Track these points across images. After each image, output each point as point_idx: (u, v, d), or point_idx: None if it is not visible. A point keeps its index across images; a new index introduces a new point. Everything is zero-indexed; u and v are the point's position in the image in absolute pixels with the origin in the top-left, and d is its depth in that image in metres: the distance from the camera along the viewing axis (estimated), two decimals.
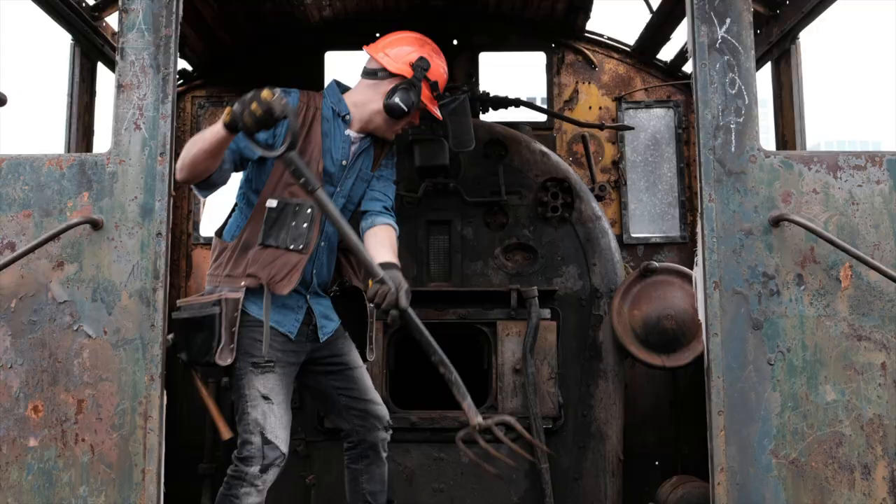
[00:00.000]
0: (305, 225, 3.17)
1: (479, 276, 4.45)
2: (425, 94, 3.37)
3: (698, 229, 3.07)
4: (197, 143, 3.06)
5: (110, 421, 2.91)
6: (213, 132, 3.01)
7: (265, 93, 2.88)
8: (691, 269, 3.85)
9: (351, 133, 3.41)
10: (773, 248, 2.99)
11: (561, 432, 4.21)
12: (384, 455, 3.49)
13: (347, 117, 3.39)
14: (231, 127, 2.94)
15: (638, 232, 5.72)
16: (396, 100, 3.32)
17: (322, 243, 3.33)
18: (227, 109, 2.94)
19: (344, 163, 3.37)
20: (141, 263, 2.96)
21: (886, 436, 2.93)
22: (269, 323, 3.15)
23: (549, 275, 4.37)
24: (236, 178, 3.52)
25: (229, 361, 3.11)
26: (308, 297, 3.35)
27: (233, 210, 3.47)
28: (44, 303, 2.96)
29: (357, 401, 3.45)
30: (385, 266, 3.14)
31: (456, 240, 4.47)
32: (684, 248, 5.58)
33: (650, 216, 5.77)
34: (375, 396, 3.50)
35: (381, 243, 3.32)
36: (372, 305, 3.24)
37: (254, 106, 2.85)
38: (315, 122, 3.31)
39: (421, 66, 3.37)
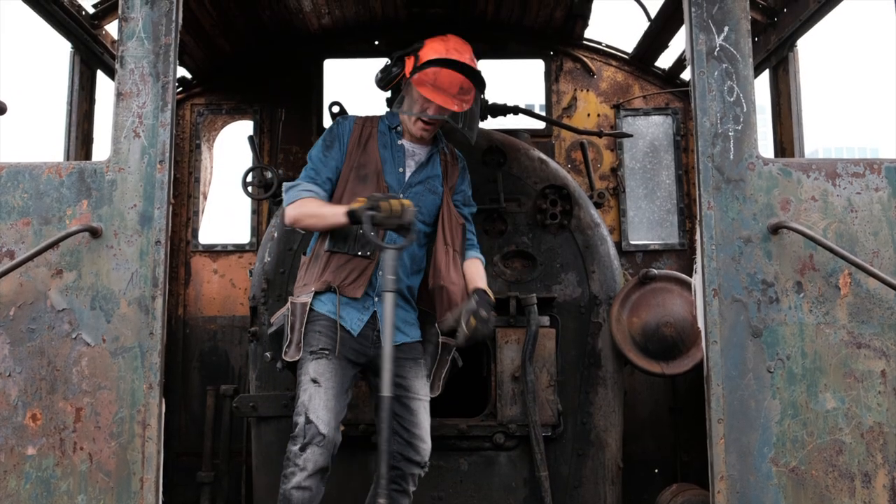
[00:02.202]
0: (373, 234, 3.21)
1: None
2: (408, 67, 3.47)
3: (697, 237, 3.07)
4: (314, 217, 3.40)
5: (109, 429, 2.90)
6: (334, 215, 3.32)
7: (398, 204, 3.20)
8: (690, 276, 3.85)
9: (404, 143, 3.57)
10: (772, 256, 2.99)
11: (560, 440, 4.19)
12: (411, 489, 3.47)
13: (399, 128, 3.57)
14: (354, 220, 3.23)
15: (637, 239, 5.73)
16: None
17: None
18: (359, 202, 3.22)
19: (401, 170, 3.52)
20: (140, 271, 2.96)
21: (887, 444, 2.93)
22: (333, 317, 3.35)
23: (548, 282, 4.36)
24: None
25: (297, 357, 3.32)
26: (377, 299, 3.39)
27: None
28: (42, 311, 2.96)
29: (406, 431, 3.41)
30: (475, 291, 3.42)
31: None
32: (683, 255, 5.59)
33: (649, 223, 5.78)
34: (425, 434, 3.45)
35: (474, 273, 3.55)
36: (446, 339, 3.53)
37: (388, 214, 3.18)
38: (371, 140, 3.53)
39: (414, 48, 3.49)
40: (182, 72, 5.82)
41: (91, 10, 4.78)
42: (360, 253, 3.37)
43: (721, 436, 2.91)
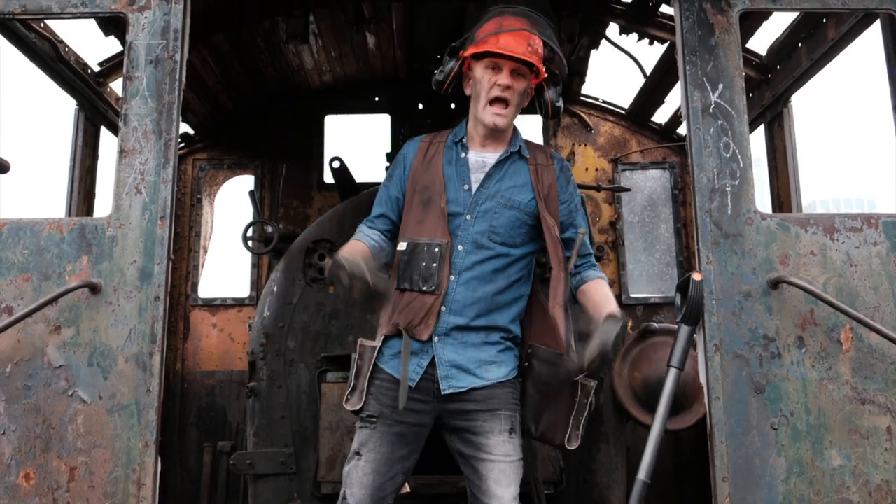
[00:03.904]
0: (435, 264, 2.89)
1: None
2: (468, 52, 3.04)
3: None
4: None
5: (103, 489, 2.85)
6: None
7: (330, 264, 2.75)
8: None
9: (469, 154, 3.07)
10: (772, 311, 2.98)
11: (563, 497, 4.12)
12: None
13: (464, 140, 3.10)
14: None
15: (636, 292, 5.72)
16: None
17: (452, 277, 2.92)
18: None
19: (466, 187, 3.00)
20: (138, 327, 2.94)
21: (895, 503, 2.87)
22: (391, 371, 2.92)
23: None
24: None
25: (356, 407, 2.91)
26: (436, 340, 2.90)
27: None
28: (39, 367, 2.93)
29: (477, 500, 2.87)
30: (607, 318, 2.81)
31: None
32: None
33: (648, 276, 5.79)
34: (496, 502, 2.83)
35: (602, 297, 2.97)
36: (584, 379, 2.92)
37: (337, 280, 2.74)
38: (436, 157, 3.07)
39: (467, 35, 3.10)
40: (185, 127, 5.91)
41: (96, 69, 4.87)
42: (424, 288, 2.89)
43: (726, 495, 2.85)
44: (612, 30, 5.16)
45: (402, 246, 2.99)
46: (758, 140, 4.73)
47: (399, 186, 3.10)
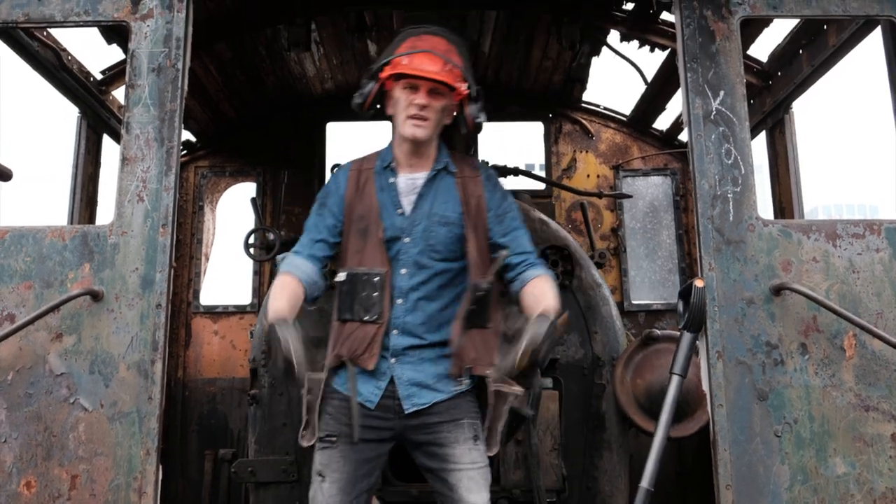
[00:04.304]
0: (376, 293, 2.94)
1: None
2: (385, 74, 3.04)
3: None
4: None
5: (104, 497, 2.84)
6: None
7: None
8: None
9: (398, 178, 3.09)
10: (775, 318, 2.98)
11: None
12: None
13: (393, 164, 3.12)
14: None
15: (639, 299, 5.71)
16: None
17: (399, 300, 2.97)
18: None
19: (400, 211, 3.04)
20: (140, 335, 2.94)
21: None
22: (350, 394, 2.93)
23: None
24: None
25: (311, 442, 2.90)
26: (393, 360, 2.96)
27: None
28: (41, 375, 2.93)
29: None
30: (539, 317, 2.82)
31: None
32: None
33: (650, 283, 5.78)
34: None
35: (534, 298, 2.95)
36: (498, 386, 2.90)
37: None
38: (368, 184, 3.10)
39: (385, 57, 3.09)
40: (187, 135, 5.92)
41: (99, 77, 4.89)
42: (365, 318, 2.95)
43: (730, 503, 2.84)
44: (613, 37, 5.17)
45: (341, 277, 3.04)
46: (759, 146, 4.73)
47: (335, 215, 3.11)
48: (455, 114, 3.14)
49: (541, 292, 2.98)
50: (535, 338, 2.76)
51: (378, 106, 3.16)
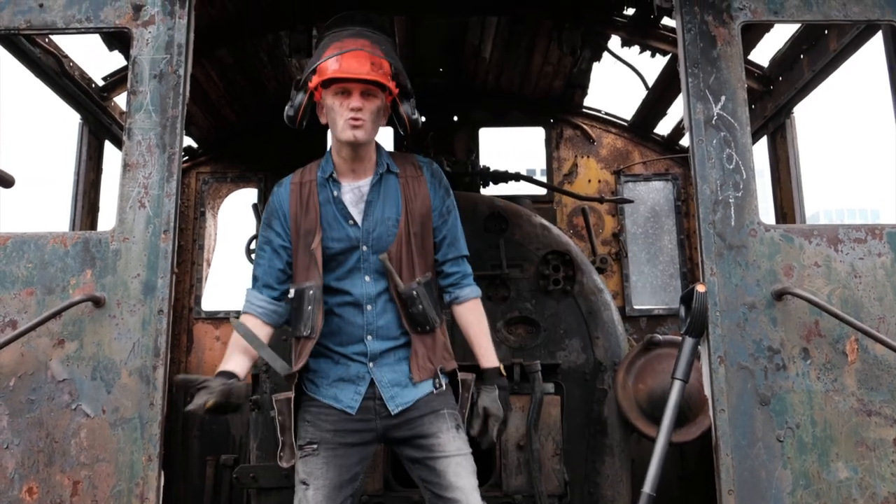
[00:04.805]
0: (310, 307, 2.92)
1: None
2: (313, 83, 2.98)
3: None
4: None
5: (106, 503, 2.84)
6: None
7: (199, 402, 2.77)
8: None
9: (343, 189, 3.02)
10: (777, 322, 2.97)
11: None
12: None
13: (333, 175, 3.04)
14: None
15: (640, 304, 5.71)
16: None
17: (368, 306, 2.96)
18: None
19: (352, 222, 2.98)
20: (142, 341, 2.94)
21: None
22: (323, 398, 2.96)
23: (552, 348, 4.33)
24: None
25: (290, 462, 2.89)
26: (371, 365, 2.95)
27: None
28: (43, 381, 2.93)
29: (439, 498, 2.87)
30: (484, 374, 3.06)
31: None
32: None
33: (652, 288, 5.78)
34: (461, 494, 2.84)
35: (474, 338, 3.09)
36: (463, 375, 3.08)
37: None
38: (311, 198, 3.03)
39: (311, 71, 3.01)
40: (188, 141, 5.93)
41: (101, 83, 4.90)
42: (305, 333, 2.93)
43: None
44: (614, 42, 5.19)
45: (290, 293, 3.01)
46: (760, 151, 4.75)
47: (282, 234, 3.03)
48: (389, 114, 3.09)
49: (478, 328, 3.08)
50: (495, 412, 3.00)
51: (306, 120, 3.11)
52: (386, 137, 6.12)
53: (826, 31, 4.15)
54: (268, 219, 3.08)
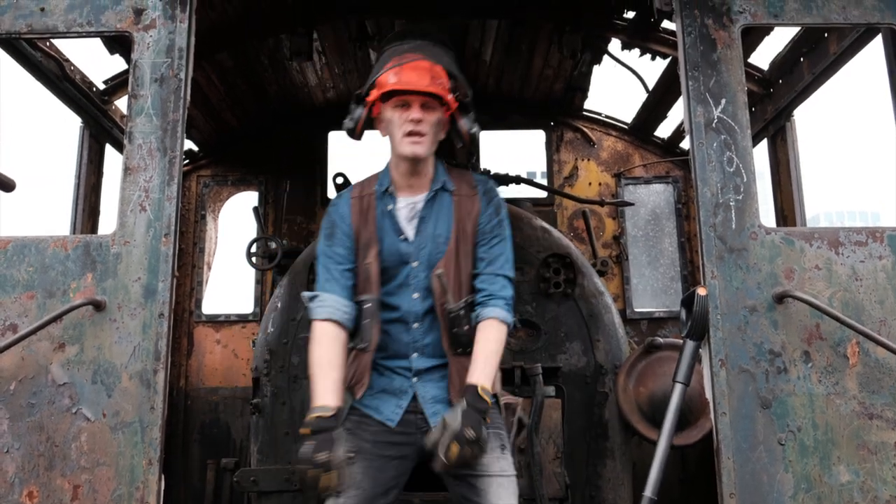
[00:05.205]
0: (367, 321, 2.90)
1: None
2: (373, 96, 2.97)
3: None
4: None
5: None
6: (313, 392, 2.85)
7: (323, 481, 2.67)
8: None
9: (399, 203, 2.99)
10: (778, 325, 2.97)
11: None
12: None
13: (389, 189, 3.01)
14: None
15: (641, 307, 5.71)
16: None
17: (415, 324, 2.93)
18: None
19: (403, 237, 2.96)
20: (143, 345, 2.94)
21: None
22: (366, 410, 2.91)
23: (553, 351, 4.33)
24: None
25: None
26: (415, 380, 2.93)
27: None
28: (43, 385, 2.93)
29: None
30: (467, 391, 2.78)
31: None
32: None
33: (653, 291, 5.78)
34: None
35: (473, 355, 2.87)
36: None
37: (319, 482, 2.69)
38: (370, 211, 3.00)
39: (370, 84, 3.01)
40: (189, 144, 5.94)
41: (102, 87, 4.90)
42: (360, 346, 2.91)
43: None
44: (614, 45, 5.19)
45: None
46: (761, 154, 4.74)
47: (345, 243, 2.99)
48: (448, 128, 3.07)
49: (481, 345, 2.87)
50: (450, 423, 2.70)
51: (367, 130, 3.08)
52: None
53: (826, 34, 4.15)
54: (330, 232, 3.03)
